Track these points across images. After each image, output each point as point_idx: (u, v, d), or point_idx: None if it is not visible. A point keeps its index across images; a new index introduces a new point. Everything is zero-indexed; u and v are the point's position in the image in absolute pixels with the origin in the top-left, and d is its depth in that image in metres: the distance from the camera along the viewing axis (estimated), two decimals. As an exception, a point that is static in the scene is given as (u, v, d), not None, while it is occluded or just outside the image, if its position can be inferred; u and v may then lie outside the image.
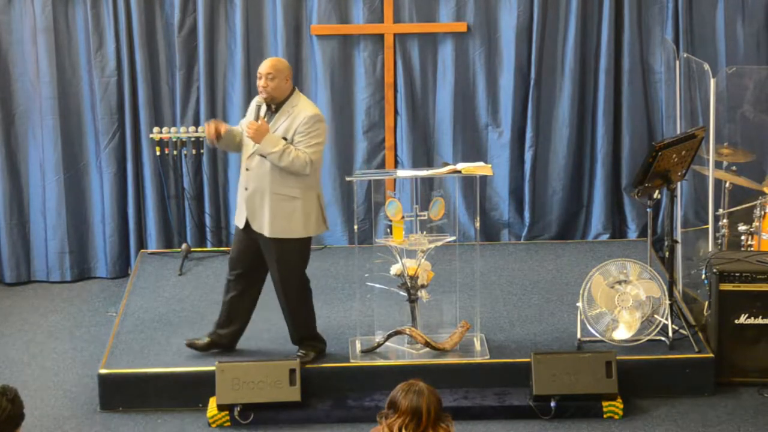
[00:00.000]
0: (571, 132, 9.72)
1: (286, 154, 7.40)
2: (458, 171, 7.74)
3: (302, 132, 7.47)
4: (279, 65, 7.53)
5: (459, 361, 7.76)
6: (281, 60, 7.67)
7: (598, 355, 7.60)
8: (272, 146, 7.41)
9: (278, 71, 7.49)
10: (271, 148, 7.41)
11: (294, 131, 7.47)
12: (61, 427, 7.54)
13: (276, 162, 7.43)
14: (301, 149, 7.44)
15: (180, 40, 9.48)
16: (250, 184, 7.58)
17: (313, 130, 7.48)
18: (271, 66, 7.50)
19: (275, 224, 7.54)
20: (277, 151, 7.40)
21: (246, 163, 7.60)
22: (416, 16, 9.56)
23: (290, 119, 7.49)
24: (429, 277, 7.81)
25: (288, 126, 7.49)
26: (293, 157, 7.41)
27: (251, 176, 7.57)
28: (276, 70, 7.48)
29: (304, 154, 7.44)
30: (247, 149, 7.58)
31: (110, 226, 9.66)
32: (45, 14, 9.33)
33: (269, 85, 7.47)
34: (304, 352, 7.81)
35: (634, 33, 9.61)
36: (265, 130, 7.43)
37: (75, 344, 8.64)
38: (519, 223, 9.89)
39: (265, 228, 7.55)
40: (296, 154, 7.42)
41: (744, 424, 7.46)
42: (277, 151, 7.40)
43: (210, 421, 7.51)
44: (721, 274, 7.84)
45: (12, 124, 9.52)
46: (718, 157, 8.92)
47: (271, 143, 7.41)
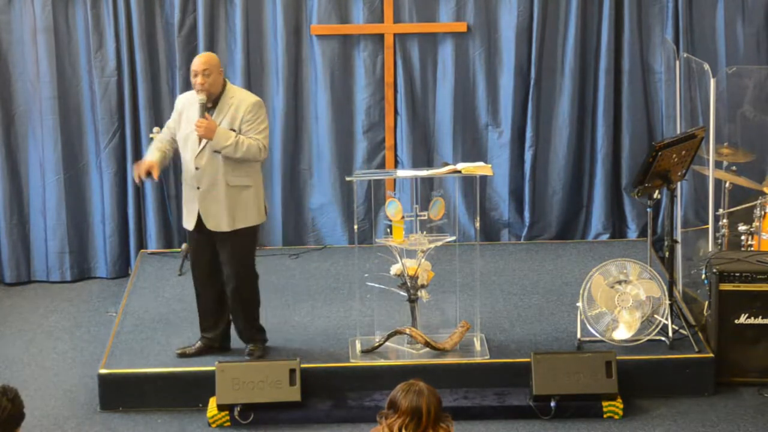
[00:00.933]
0: (571, 132, 9.72)
1: (240, 144, 7.46)
2: (458, 171, 7.74)
3: (249, 120, 7.53)
4: (212, 60, 7.55)
5: (459, 361, 7.76)
6: (212, 54, 7.71)
7: (598, 355, 7.60)
8: (225, 140, 7.45)
9: (212, 66, 7.50)
10: (224, 141, 7.44)
11: (240, 120, 7.52)
12: (61, 427, 7.54)
13: (231, 154, 7.47)
14: (252, 136, 7.50)
15: (180, 40, 9.48)
16: (202, 182, 7.57)
17: (259, 116, 7.57)
18: (205, 62, 7.51)
19: (234, 216, 7.59)
20: (231, 143, 7.45)
21: (195, 162, 7.57)
22: (416, 16, 9.55)
23: (232, 110, 7.53)
24: (429, 277, 7.80)
25: (232, 117, 7.53)
26: (247, 145, 7.47)
27: (203, 174, 7.56)
28: (210, 65, 7.50)
29: (255, 140, 7.52)
30: (193, 149, 7.57)
31: (110, 226, 9.66)
32: (45, 14, 9.33)
33: (206, 81, 7.48)
34: (255, 347, 7.85)
35: (634, 33, 9.61)
36: (215, 126, 7.45)
37: (75, 344, 8.64)
38: (519, 223, 9.88)
39: (224, 223, 7.58)
40: (249, 142, 7.48)
41: (744, 424, 7.46)
42: (231, 144, 7.45)
43: (210, 421, 7.51)
44: (721, 274, 7.84)
45: (12, 124, 9.52)
46: (718, 157, 8.92)
47: (223, 137, 7.45)
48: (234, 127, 7.51)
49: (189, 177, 7.64)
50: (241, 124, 7.52)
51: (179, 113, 7.69)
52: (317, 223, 9.83)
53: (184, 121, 7.64)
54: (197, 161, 7.56)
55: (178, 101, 7.78)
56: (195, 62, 7.53)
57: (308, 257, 9.54)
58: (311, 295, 8.81)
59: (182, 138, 7.64)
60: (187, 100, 7.67)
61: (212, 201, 7.58)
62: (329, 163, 9.68)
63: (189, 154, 7.61)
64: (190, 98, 7.64)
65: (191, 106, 7.59)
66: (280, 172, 9.67)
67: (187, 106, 7.64)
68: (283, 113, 9.60)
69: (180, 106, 7.72)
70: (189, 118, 7.58)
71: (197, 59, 7.56)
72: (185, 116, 7.63)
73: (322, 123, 9.64)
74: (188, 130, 7.58)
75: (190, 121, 7.53)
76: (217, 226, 7.60)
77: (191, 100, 7.60)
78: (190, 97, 7.63)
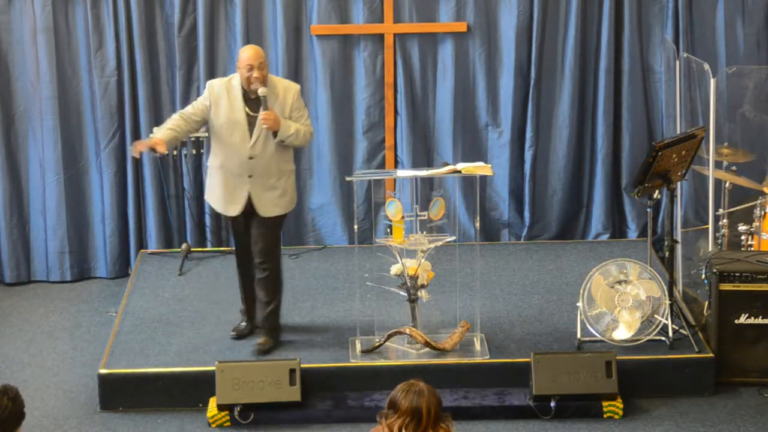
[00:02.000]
0: (571, 132, 9.72)
1: (298, 132, 7.70)
2: (458, 171, 7.75)
3: (298, 108, 7.75)
4: (263, 52, 7.71)
5: (459, 361, 7.76)
6: (260, 48, 7.80)
7: (598, 355, 7.60)
8: (288, 129, 7.65)
9: (264, 58, 7.67)
10: (288, 131, 7.65)
11: (290, 108, 7.70)
12: (61, 427, 7.54)
13: (293, 142, 7.72)
14: (302, 123, 7.72)
15: (180, 40, 9.48)
16: (256, 171, 7.71)
17: (303, 104, 7.84)
18: (260, 55, 7.65)
19: (285, 201, 7.82)
20: (293, 132, 7.67)
21: (250, 152, 7.69)
22: (416, 16, 9.55)
23: (280, 99, 7.69)
24: (429, 277, 7.81)
25: (281, 106, 7.69)
26: (303, 132, 7.75)
27: (257, 163, 7.70)
28: (263, 57, 7.66)
29: (306, 126, 7.77)
30: (244, 138, 7.67)
31: (110, 226, 9.66)
32: (45, 14, 9.33)
33: (261, 74, 7.62)
34: (267, 340, 7.94)
35: (634, 33, 9.61)
36: (278, 117, 7.61)
37: (75, 344, 8.64)
38: (519, 223, 9.89)
39: (277, 208, 7.79)
40: (303, 129, 7.75)
41: (744, 424, 7.46)
42: (293, 133, 7.67)
43: (210, 421, 7.51)
44: (721, 274, 7.84)
45: (12, 124, 9.52)
46: (718, 157, 8.92)
47: (286, 127, 7.65)
48: (285, 115, 7.69)
49: (237, 165, 7.73)
50: (291, 111, 7.71)
51: (214, 101, 7.74)
52: (317, 223, 9.83)
53: (222, 108, 7.72)
54: (252, 151, 7.70)
55: (211, 88, 7.79)
56: (249, 56, 7.64)
57: (308, 257, 9.54)
58: (311, 295, 8.81)
59: (224, 126, 7.71)
60: (222, 87, 7.75)
61: (267, 188, 7.75)
62: (329, 163, 9.69)
63: (239, 144, 7.70)
64: (225, 86, 7.74)
65: (227, 94, 7.69)
66: (280, 172, 9.67)
67: (222, 94, 7.72)
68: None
69: (215, 93, 7.76)
70: (232, 106, 7.69)
71: (251, 53, 7.66)
72: (223, 104, 7.71)
73: (322, 123, 9.64)
74: (232, 119, 7.68)
75: (235, 109, 7.67)
76: (271, 211, 7.79)
77: (226, 88, 7.71)
78: (225, 85, 7.73)
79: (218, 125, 7.73)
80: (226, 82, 7.77)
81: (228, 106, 7.69)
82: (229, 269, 9.25)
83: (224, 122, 7.70)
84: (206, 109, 7.74)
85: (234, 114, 7.68)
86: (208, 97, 7.75)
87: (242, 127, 7.67)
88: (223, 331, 8.23)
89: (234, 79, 7.77)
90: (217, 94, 7.73)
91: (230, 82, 7.75)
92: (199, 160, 9.64)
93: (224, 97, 7.71)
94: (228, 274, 9.19)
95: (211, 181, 7.92)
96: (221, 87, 7.75)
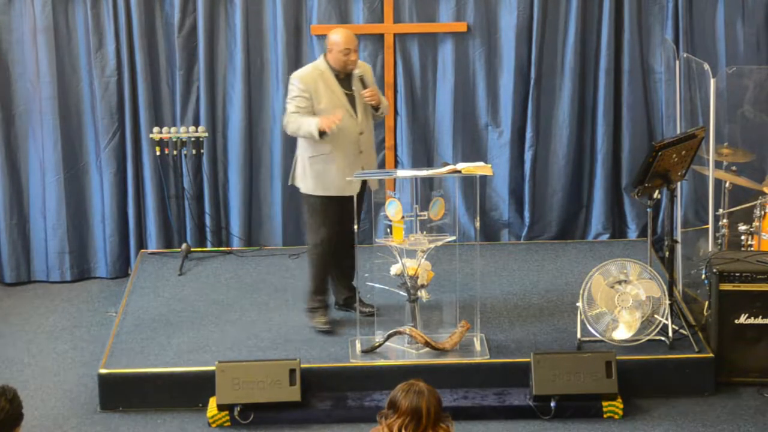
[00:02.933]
0: (571, 132, 9.72)
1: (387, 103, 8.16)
2: (458, 171, 7.74)
3: (373, 82, 8.11)
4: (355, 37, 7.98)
5: (459, 361, 7.76)
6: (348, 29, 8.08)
7: (598, 355, 7.60)
8: (384, 101, 8.05)
9: None
10: (384, 103, 8.06)
11: (370, 84, 8.04)
12: (60, 427, 7.54)
13: (384, 113, 8.11)
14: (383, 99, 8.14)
15: (180, 40, 9.47)
16: (364, 146, 7.98)
17: None
18: (355, 39, 7.90)
19: None
20: (386, 104, 8.11)
21: (360, 127, 7.92)
22: (416, 16, 9.55)
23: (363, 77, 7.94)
24: (429, 277, 7.80)
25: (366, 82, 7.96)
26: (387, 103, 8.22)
27: (365, 138, 7.98)
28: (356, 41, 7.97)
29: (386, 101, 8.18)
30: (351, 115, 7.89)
31: (110, 226, 9.66)
32: (45, 14, 9.32)
33: (357, 57, 7.93)
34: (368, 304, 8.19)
35: (634, 33, 9.61)
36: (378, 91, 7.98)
37: (75, 344, 8.64)
38: (519, 223, 9.89)
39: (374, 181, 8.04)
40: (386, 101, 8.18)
41: (744, 424, 7.46)
42: (386, 105, 8.11)
43: (210, 421, 7.51)
44: (721, 274, 7.84)
45: (12, 124, 9.52)
46: (718, 157, 8.92)
47: (383, 101, 8.02)
48: None
49: (349, 144, 7.91)
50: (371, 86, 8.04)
51: (311, 91, 7.88)
52: (317, 223, 9.82)
53: (321, 94, 7.88)
54: (361, 126, 7.92)
55: (301, 82, 7.91)
56: (347, 40, 7.87)
57: (308, 257, 9.54)
58: (311, 295, 8.80)
59: (325, 111, 7.85)
60: (312, 76, 7.92)
61: (372, 162, 8.15)
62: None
63: (348, 122, 7.89)
64: (315, 74, 7.91)
65: (321, 81, 7.87)
66: (280, 172, 9.66)
67: (316, 81, 7.88)
68: (283, 113, 9.58)
69: (309, 83, 7.89)
70: (330, 90, 7.88)
71: (348, 37, 7.89)
72: (321, 90, 7.88)
73: (322, 123, 9.63)
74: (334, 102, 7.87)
75: (334, 92, 7.88)
76: (375, 183, 8.02)
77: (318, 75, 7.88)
78: (314, 73, 7.90)
79: (319, 111, 7.88)
80: (313, 69, 7.95)
81: (326, 90, 7.88)
82: (229, 269, 9.26)
83: (325, 107, 7.86)
84: (310, 102, 7.89)
85: (334, 97, 7.88)
86: (305, 89, 7.88)
87: (347, 106, 7.90)
88: (222, 331, 8.23)
89: (320, 64, 7.95)
90: (311, 83, 7.88)
91: (316, 68, 7.94)
92: (199, 160, 9.64)
93: (319, 83, 7.88)
94: (228, 274, 9.19)
95: (318, 168, 7.95)
96: (312, 76, 7.91)
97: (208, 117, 9.56)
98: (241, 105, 9.54)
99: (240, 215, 9.73)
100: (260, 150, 9.69)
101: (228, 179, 9.74)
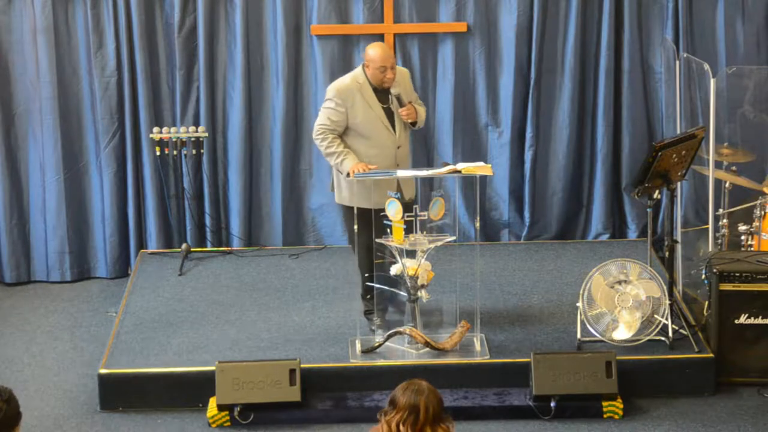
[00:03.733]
0: (571, 132, 9.72)
1: (424, 115, 8.07)
2: (458, 171, 7.74)
3: (412, 90, 8.14)
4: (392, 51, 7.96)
5: (459, 361, 7.76)
6: (389, 45, 8.00)
7: (598, 355, 7.60)
8: (422, 116, 8.04)
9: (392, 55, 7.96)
10: (422, 117, 8.05)
11: (409, 92, 8.05)
12: (61, 427, 7.54)
13: (420, 126, 8.10)
14: (418, 103, 8.11)
15: (180, 40, 9.47)
16: (401, 159, 7.95)
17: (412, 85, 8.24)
18: (391, 55, 7.87)
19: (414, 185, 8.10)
20: (423, 117, 8.07)
21: (397, 142, 7.87)
22: (416, 16, 9.55)
23: (403, 87, 7.93)
24: (429, 277, 7.80)
25: (404, 93, 7.91)
26: (424, 113, 8.10)
27: (402, 152, 7.93)
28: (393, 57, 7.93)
29: (423, 106, 8.16)
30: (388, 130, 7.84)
31: (110, 226, 9.66)
32: (45, 14, 9.32)
33: (393, 72, 7.84)
34: None
35: (634, 33, 9.61)
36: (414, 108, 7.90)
37: (75, 344, 8.64)
38: (519, 223, 9.89)
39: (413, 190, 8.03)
40: (423, 110, 8.10)
41: (744, 425, 7.46)
42: (424, 118, 8.08)
43: (210, 421, 7.51)
44: (721, 274, 7.84)
45: (12, 124, 9.52)
46: (718, 157, 8.92)
47: (421, 114, 8.02)
48: (410, 100, 7.98)
49: (386, 158, 7.85)
50: (410, 95, 7.99)
51: (348, 105, 7.83)
52: (317, 223, 9.83)
53: (358, 108, 7.83)
54: (399, 140, 7.88)
55: (340, 93, 7.85)
56: (383, 57, 7.79)
57: (308, 257, 9.55)
58: (311, 295, 8.81)
59: (361, 124, 7.83)
60: (350, 89, 7.85)
61: None
62: (329, 164, 9.66)
63: (385, 137, 7.86)
64: (353, 87, 7.84)
65: (359, 94, 7.81)
66: (280, 172, 9.67)
67: (354, 94, 7.83)
68: (283, 113, 9.60)
69: (345, 97, 7.83)
70: (367, 103, 7.82)
71: (384, 53, 7.80)
72: (358, 104, 7.82)
73: (323, 123, 9.63)
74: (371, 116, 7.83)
75: (371, 105, 7.83)
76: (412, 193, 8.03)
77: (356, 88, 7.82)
78: (352, 85, 7.84)
79: (355, 125, 7.84)
80: (352, 81, 7.87)
81: (363, 104, 7.83)
82: (229, 269, 9.26)
83: (361, 120, 7.83)
84: (345, 116, 7.83)
85: (371, 110, 7.84)
86: (341, 104, 7.82)
87: (384, 120, 7.85)
88: (222, 331, 8.23)
89: (359, 76, 7.88)
90: (349, 97, 7.82)
91: (355, 80, 7.86)
92: (199, 160, 9.64)
93: (357, 96, 7.82)
94: (228, 274, 9.20)
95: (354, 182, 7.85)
96: (350, 89, 7.83)
97: (208, 117, 9.56)
98: (241, 105, 9.54)
99: (240, 215, 9.73)
100: (260, 150, 9.69)
101: (228, 179, 9.74)
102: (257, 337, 8.14)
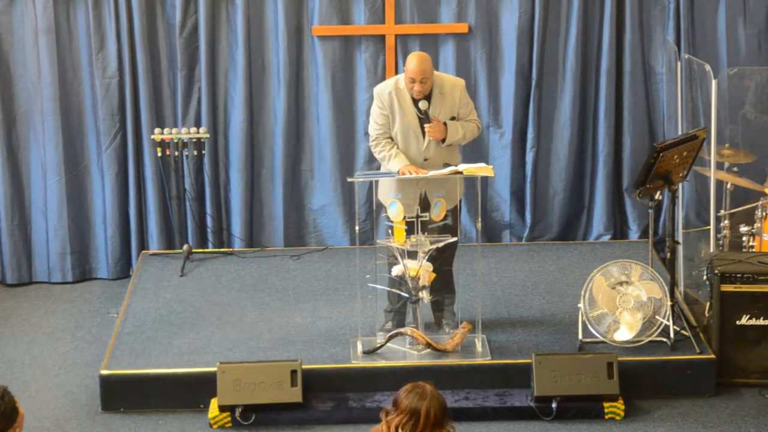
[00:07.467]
0: (573, 133, 9.72)
1: (466, 133, 7.84)
2: (460, 172, 7.74)
3: (465, 103, 7.86)
4: (428, 65, 7.70)
5: (460, 362, 7.76)
6: (427, 57, 7.79)
7: (600, 356, 7.60)
8: (455, 134, 7.78)
9: (429, 71, 7.68)
10: (455, 136, 7.79)
11: (458, 105, 7.78)
12: (62, 428, 7.54)
13: (460, 143, 7.89)
14: (470, 119, 7.87)
15: (181, 41, 9.48)
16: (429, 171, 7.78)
17: (469, 98, 7.93)
18: (423, 70, 7.64)
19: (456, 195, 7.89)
20: (460, 136, 7.80)
21: (424, 154, 7.78)
22: (417, 17, 9.56)
23: (448, 99, 7.79)
24: (430, 278, 7.80)
25: (450, 105, 7.78)
26: (470, 131, 7.84)
27: (430, 164, 7.78)
28: (427, 72, 7.66)
29: (473, 122, 7.89)
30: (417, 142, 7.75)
31: (111, 227, 9.66)
32: (46, 15, 9.32)
33: (423, 88, 7.68)
34: None
35: (636, 34, 9.61)
36: (444, 126, 7.71)
37: (76, 345, 8.64)
38: (520, 224, 9.88)
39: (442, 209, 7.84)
40: (470, 127, 7.86)
41: (745, 425, 7.46)
42: (460, 136, 7.81)
43: (211, 422, 7.51)
44: (722, 275, 7.84)
45: (13, 125, 9.52)
46: (720, 158, 8.92)
47: (453, 132, 7.77)
48: (454, 114, 7.80)
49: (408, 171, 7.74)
50: (459, 107, 7.80)
51: (390, 110, 7.78)
52: (318, 224, 9.83)
53: (397, 114, 7.78)
54: (426, 153, 7.78)
55: (381, 96, 7.81)
56: (412, 69, 7.66)
57: (309, 258, 9.54)
58: (312, 296, 8.81)
59: (399, 131, 7.78)
60: (390, 93, 7.78)
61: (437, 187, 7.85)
62: (330, 164, 9.68)
63: (414, 147, 7.79)
64: (393, 91, 7.76)
65: (397, 99, 7.74)
66: (281, 173, 9.67)
67: (393, 100, 7.76)
68: (285, 114, 9.60)
69: (387, 101, 7.78)
70: (404, 111, 7.74)
71: (415, 65, 7.65)
72: (396, 109, 7.77)
73: (324, 124, 9.64)
74: (406, 123, 7.75)
75: (407, 113, 7.74)
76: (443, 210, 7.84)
77: (395, 94, 7.74)
78: (394, 90, 7.76)
79: (395, 130, 7.80)
80: (394, 86, 7.79)
81: (400, 110, 7.77)
82: (230, 270, 9.26)
83: (399, 127, 7.78)
84: (389, 118, 7.80)
85: (407, 118, 7.76)
86: (384, 107, 7.79)
87: (416, 130, 7.76)
88: (223, 332, 8.24)
89: (400, 81, 7.81)
90: (389, 101, 7.77)
91: (397, 85, 7.78)
92: (201, 161, 9.64)
93: (395, 101, 7.76)
94: (229, 275, 9.20)
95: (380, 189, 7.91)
96: (390, 93, 7.77)
97: (210, 118, 9.56)
98: (242, 106, 9.54)
99: (241, 216, 9.73)
100: (261, 151, 9.69)
101: (229, 180, 9.74)
102: (258, 338, 8.14)
